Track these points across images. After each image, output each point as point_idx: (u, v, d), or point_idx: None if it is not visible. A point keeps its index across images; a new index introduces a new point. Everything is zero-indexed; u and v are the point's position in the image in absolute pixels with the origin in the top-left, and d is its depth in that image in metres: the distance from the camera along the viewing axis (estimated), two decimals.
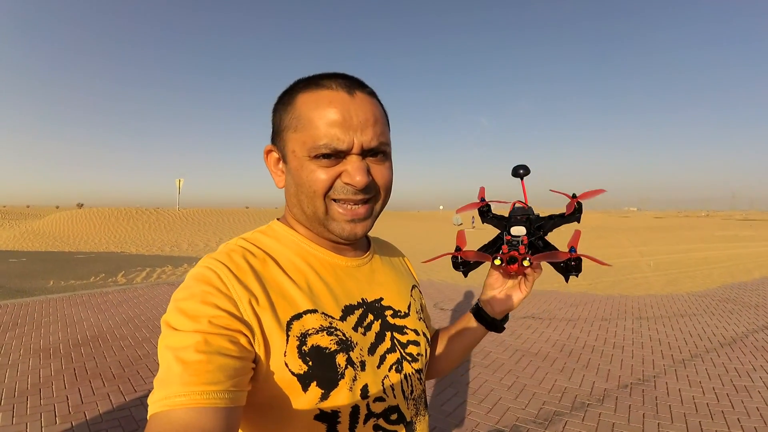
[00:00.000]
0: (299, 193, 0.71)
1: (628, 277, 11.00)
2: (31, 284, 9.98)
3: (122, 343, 5.18)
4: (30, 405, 3.59)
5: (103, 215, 36.18)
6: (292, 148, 0.71)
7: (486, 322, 0.92)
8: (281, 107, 0.74)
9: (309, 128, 0.68)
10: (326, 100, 0.68)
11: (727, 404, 3.72)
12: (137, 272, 12.11)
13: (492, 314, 0.90)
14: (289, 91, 0.74)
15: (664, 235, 30.85)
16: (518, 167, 0.83)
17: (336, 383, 0.65)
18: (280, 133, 0.74)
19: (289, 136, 0.71)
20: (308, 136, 0.68)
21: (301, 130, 0.69)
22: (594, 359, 4.85)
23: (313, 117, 0.68)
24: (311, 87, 0.71)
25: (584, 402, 3.76)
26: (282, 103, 0.74)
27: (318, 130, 0.67)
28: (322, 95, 0.69)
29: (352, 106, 0.68)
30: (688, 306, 7.63)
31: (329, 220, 0.72)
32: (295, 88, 0.73)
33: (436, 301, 7.82)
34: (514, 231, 0.80)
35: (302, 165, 0.69)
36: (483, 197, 0.89)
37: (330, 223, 0.72)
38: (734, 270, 12.47)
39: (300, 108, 0.70)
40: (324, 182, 0.68)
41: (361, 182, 0.67)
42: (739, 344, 5.42)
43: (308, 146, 0.68)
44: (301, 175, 0.70)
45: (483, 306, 0.91)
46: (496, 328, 0.92)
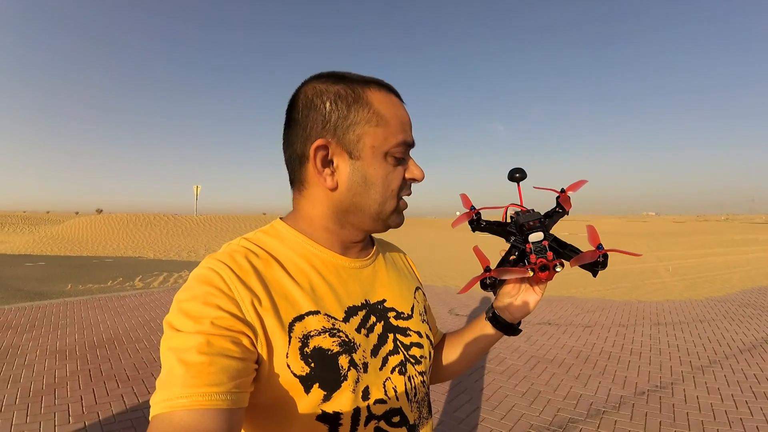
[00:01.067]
0: (370, 190, 0.72)
1: (646, 283, 10.85)
2: (49, 288, 10.13)
3: (137, 346, 5.23)
4: (44, 405, 3.64)
5: (122, 221, 36.67)
6: (371, 143, 0.71)
7: (504, 327, 0.89)
8: (345, 99, 0.71)
9: (387, 125, 0.72)
10: (397, 102, 0.75)
11: (745, 411, 3.64)
12: (154, 277, 12.25)
13: (509, 319, 0.88)
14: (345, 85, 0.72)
15: (682, 239, 30.43)
16: (514, 170, 0.83)
17: (339, 385, 0.65)
18: (348, 127, 0.70)
19: (365, 130, 0.71)
20: (387, 132, 0.72)
21: (381, 126, 0.71)
22: (610, 366, 4.78)
23: (392, 116, 0.73)
24: (377, 88, 0.74)
25: (600, 409, 3.70)
26: (343, 96, 0.71)
27: (394, 127, 0.72)
28: (392, 98, 0.75)
29: (407, 111, 0.77)
30: (706, 311, 7.50)
31: (395, 214, 0.77)
32: (353, 85, 0.72)
33: (451, 307, 7.78)
34: (532, 238, 0.78)
35: (379, 162, 0.72)
36: (472, 206, 0.87)
37: (393, 216, 0.77)
38: (754, 274, 12.25)
39: (377, 106, 0.72)
40: (399, 182, 0.74)
41: (423, 175, 0.77)
42: (758, 350, 5.30)
43: (391, 142, 0.72)
44: (378, 173, 0.72)
45: (500, 312, 0.89)
46: (514, 331, 0.90)
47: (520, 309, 0.86)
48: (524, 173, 0.83)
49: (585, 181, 0.84)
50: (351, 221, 0.75)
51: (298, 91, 0.75)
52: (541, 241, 0.77)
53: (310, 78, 0.75)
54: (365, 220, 0.75)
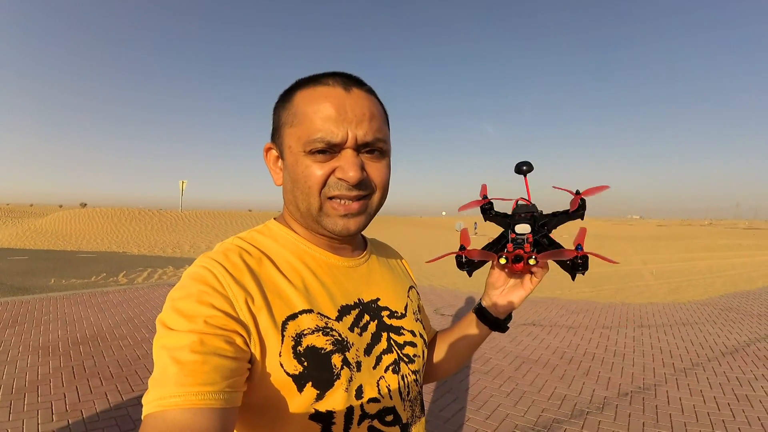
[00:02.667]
0: (295, 189, 0.71)
1: (630, 285, 10.97)
2: (32, 282, 9.99)
3: (121, 343, 5.17)
4: (27, 402, 3.59)
5: (106, 215, 36.24)
6: (288, 143, 0.71)
7: (489, 321, 0.90)
8: (280, 105, 0.75)
9: (304, 123, 0.68)
10: (322, 95, 0.69)
11: (728, 413, 3.70)
12: (138, 272, 12.12)
13: (495, 314, 0.89)
14: (289, 90, 0.75)
15: (666, 243, 30.80)
16: (521, 164, 0.82)
17: (331, 384, 0.65)
18: (278, 130, 0.75)
19: (286, 131, 0.72)
20: (303, 131, 0.68)
21: (296, 125, 0.70)
22: (594, 367, 4.82)
23: (308, 112, 0.68)
24: (309, 84, 0.72)
25: (583, 410, 3.73)
26: (281, 102, 0.75)
27: (312, 124, 0.67)
28: (318, 91, 0.69)
29: (348, 101, 0.68)
30: (690, 314, 7.60)
31: (322, 216, 0.71)
32: (294, 87, 0.74)
33: (437, 306, 7.80)
34: (518, 229, 0.79)
35: (298, 160, 0.70)
36: (485, 195, 0.88)
37: (323, 219, 0.71)
38: (737, 279, 12.43)
39: (297, 104, 0.71)
40: (319, 177, 0.68)
41: (354, 177, 0.67)
42: (741, 353, 5.39)
43: (303, 140, 0.68)
44: (297, 171, 0.70)
45: (486, 305, 0.90)
46: (500, 327, 0.91)
47: (504, 303, 0.86)
48: (531, 166, 0.82)
49: (606, 187, 0.81)
50: (301, 221, 0.77)
51: None
52: (526, 234, 0.78)
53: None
54: (307, 221, 0.75)
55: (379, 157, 0.72)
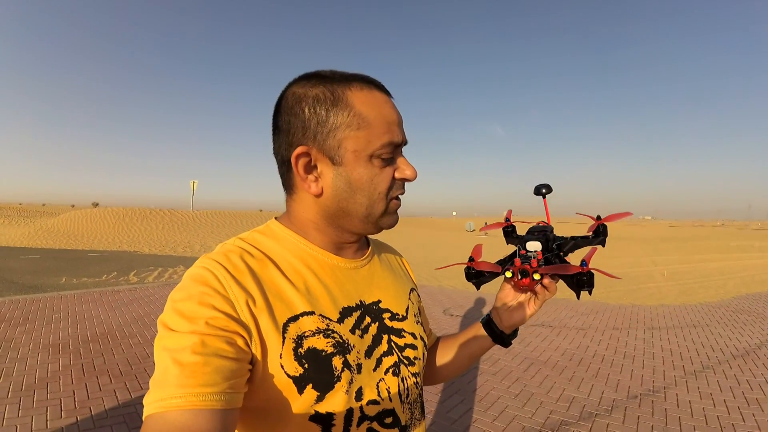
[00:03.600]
0: (357, 196, 0.70)
1: (641, 287, 10.89)
2: (43, 281, 10.10)
3: (131, 341, 5.21)
4: (36, 399, 3.63)
5: (118, 215, 36.55)
6: (353, 147, 0.68)
7: (494, 334, 0.92)
8: (324, 104, 0.69)
9: (369, 126, 0.68)
10: (381, 100, 0.71)
11: (737, 417, 3.65)
12: (149, 272, 12.22)
13: (501, 327, 0.91)
14: (324, 87, 0.70)
15: (678, 244, 30.55)
16: (540, 186, 0.85)
17: (332, 386, 0.65)
18: (328, 133, 0.69)
19: (345, 134, 0.68)
20: (369, 133, 0.68)
21: (364, 128, 0.68)
22: (604, 369, 4.79)
23: (375, 116, 0.69)
24: (359, 87, 0.70)
25: (592, 412, 3.71)
26: (322, 100, 0.69)
27: (378, 128, 0.69)
28: (376, 95, 0.71)
29: (395, 106, 0.74)
30: (701, 317, 7.52)
31: (385, 216, 0.74)
32: (334, 85, 0.70)
33: (446, 307, 7.79)
34: (529, 246, 0.80)
35: (364, 165, 0.69)
36: (508, 218, 0.90)
37: (383, 219, 0.74)
38: (749, 281, 12.29)
39: (359, 107, 0.68)
40: (387, 184, 0.71)
41: (414, 174, 0.73)
42: (752, 356, 5.32)
43: (375, 145, 0.69)
44: (362, 177, 0.69)
45: (493, 319, 0.92)
46: (503, 342, 0.93)
47: (511, 317, 0.88)
48: (550, 188, 0.85)
49: (629, 214, 0.84)
50: (341, 225, 0.75)
51: (280, 97, 0.73)
52: (536, 251, 0.79)
53: (293, 81, 0.73)
54: (355, 223, 0.74)
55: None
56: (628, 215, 0.82)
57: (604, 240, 0.81)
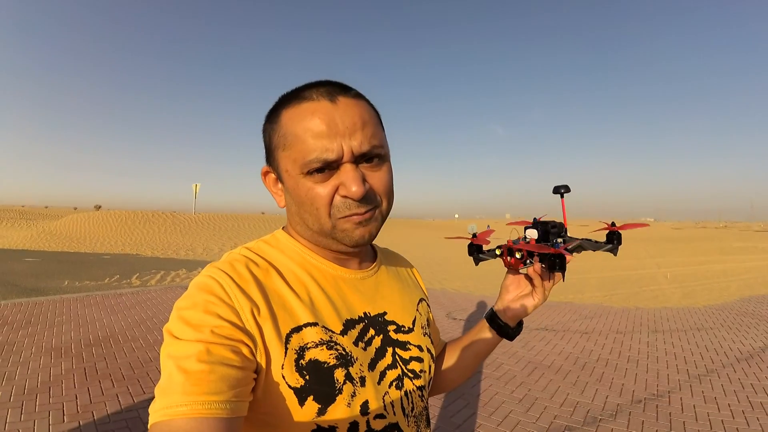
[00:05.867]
0: (301, 212, 0.70)
1: (644, 289, 10.86)
2: (45, 284, 10.11)
3: (133, 345, 5.22)
4: (39, 403, 3.63)
5: (120, 218, 36.64)
6: (284, 167, 0.69)
7: (499, 327, 0.91)
8: (269, 126, 0.72)
9: (296, 144, 0.66)
10: (309, 111, 0.66)
11: (742, 421, 3.63)
12: (151, 275, 12.23)
13: (505, 319, 0.91)
14: (274, 108, 0.72)
15: (681, 246, 30.49)
16: (559, 186, 0.87)
17: (333, 398, 0.64)
18: (272, 153, 0.72)
19: (279, 155, 0.70)
20: (297, 152, 0.66)
21: (289, 148, 0.67)
22: (607, 373, 4.77)
23: (298, 131, 0.66)
24: (294, 101, 0.69)
25: (596, 417, 3.69)
26: (269, 122, 0.72)
27: (305, 144, 0.65)
28: (304, 108, 0.67)
29: (336, 113, 0.66)
30: (704, 319, 7.50)
31: (337, 232, 0.69)
32: (279, 105, 0.71)
33: (449, 310, 7.78)
34: (527, 233, 0.85)
35: (298, 183, 0.68)
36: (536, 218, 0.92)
37: (338, 235, 0.70)
38: (753, 283, 12.25)
39: (285, 125, 0.68)
40: (324, 198, 0.67)
41: (357, 193, 0.65)
42: (756, 359, 5.30)
43: (299, 163, 0.66)
44: (300, 194, 0.68)
45: (497, 310, 0.92)
46: (508, 335, 0.92)
47: (516, 308, 0.88)
48: (568, 188, 0.87)
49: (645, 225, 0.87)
50: (311, 239, 0.75)
51: None
52: (530, 238, 0.84)
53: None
54: (317, 238, 0.73)
55: (378, 164, 0.70)
56: (645, 226, 0.83)
57: (616, 248, 0.81)
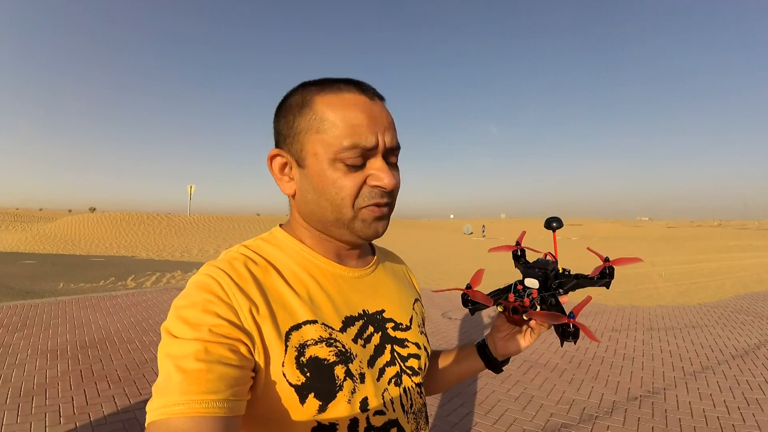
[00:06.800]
0: (321, 200, 0.70)
1: (639, 288, 10.89)
2: (41, 286, 10.06)
3: (129, 347, 5.20)
4: (35, 405, 3.61)
5: (115, 220, 36.52)
6: (313, 150, 0.69)
7: (487, 359, 0.93)
8: (293, 110, 0.72)
9: (332, 129, 0.67)
10: (350, 102, 0.68)
11: (737, 417, 3.66)
12: (147, 276, 12.20)
13: (495, 354, 0.92)
14: (300, 94, 0.72)
15: (676, 245, 30.60)
16: (551, 219, 0.85)
17: (334, 395, 0.64)
18: (294, 136, 0.71)
19: (309, 138, 0.69)
20: (333, 137, 0.67)
21: (324, 132, 0.68)
22: (603, 371, 4.79)
23: (336, 118, 0.67)
24: (330, 90, 0.70)
25: (592, 414, 3.70)
26: (293, 106, 0.72)
27: (343, 130, 0.66)
28: (345, 98, 0.69)
29: (375, 109, 0.69)
30: (699, 317, 7.53)
31: (356, 222, 0.70)
32: (308, 91, 0.72)
33: (445, 310, 7.77)
34: (527, 282, 0.80)
35: (325, 169, 0.68)
36: (519, 242, 0.90)
37: (356, 225, 0.71)
38: (747, 280, 12.31)
39: (321, 110, 0.69)
40: (351, 189, 0.68)
41: (390, 183, 0.68)
42: (751, 356, 5.33)
43: (335, 148, 0.67)
44: (325, 181, 0.68)
45: (489, 344, 0.93)
46: (495, 368, 0.93)
47: (505, 346, 0.89)
48: (561, 223, 0.85)
49: (638, 260, 0.84)
50: (323, 230, 0.75)
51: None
52: (532, 289, 0.79)
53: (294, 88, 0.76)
54: (330, 229, 0.73)
55: (395, 166, 0.74)
56: (639, 261, 0.83)
57: (609, 283, 0.80)
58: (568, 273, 0.82)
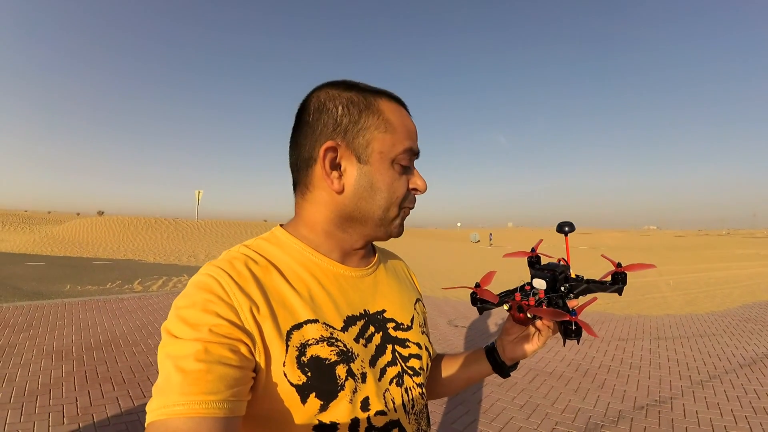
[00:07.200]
0: (375, 196, 0.73)
1: (647, 297, 10.83)
2: (48, 288, 10.12)
3: (134, 349, 5.21)
4: (39, 405, 3.63)
5: (123, 223, 36.72)
6: (380, 148, 0.72)
7: (495, 363, 0.92)
8: (357, 105, 0.72)
9: (397, 132, 0.73)
10: (405, 113, 0.77)
11: (745, 427, 3.61)
12: (153, 280, 12.24)
13: (503, 358, 0.91)
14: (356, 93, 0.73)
15: (683, 254, 30.41)
16: (563, 224, 0.84)
17: (335, 395, 0.64)
18: (359, 131, 0.71)
19: (374, 135, 0.72)
20: (395, 138, 0.73)
21: (392, 133, 0.73)
22: (609, 380, 4.75)
23: (399, 124, 0.74)
24: (386, 97, 0.76)
25: (598, 423, 3.67)
26: (355, 102, 0.72)
27: (402, 134, 0.74)
28: (400, 108, 0.77)
29: (413, 122, 0.79)
30: (707, 326, 7.47)
31: (394, 221, 0.76)
32: (366, 93, 0.74)
33: (451, 318, 7.75)
34: (534, 283, 0.80)
35: (386, 168, 0.73)
36: (535, 249, 0.89)
37: (391, 225, 0.77)
38: (755, 289, 12.21)
39: (387, 112, 0.74)
40: (403, 190, 0.75)
41: (425, 186, 0.78)
42: (759, 365, 5.27)
43: (398, 149, 0.73)
44: (383, 179, 0.73)
45: (498, 348, 0.92)
46: (502, 372, 0.93)
47: (513, 350, 0.88)
48: (573, 227, 0.84)
49: (652, 266, 0.83)
50: (354, 226, 0.75)
51: (310, 95, 0.76)
52: (539, 290, 0.79)
53: (323, 84, 0.76)
54: (368, 225, 0.75)
55: None
56: (652, 267, 0.81)
57: (622, 289, 0.78)
58: (580, 278, 0.81)
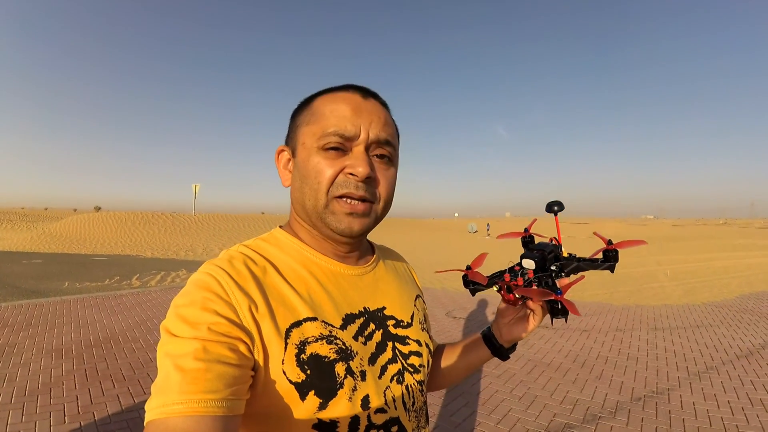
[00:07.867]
0: (303, 186, 0.73)
1: (645, 287, 10.85)
2: (46, 285, 10.11)
3: (134, 346, 5.22)
4: (40, 404, 3.63)
5: (120, 219, 36.64)
6: (302, 140, 0.74)
7: (493, 347, 0.93)
8: (299, 110, 0.78)
9: (321, 120, 0.72)
10: (341, 98, 0.73)
11: (741, 418, 3.64)
12: (152, 276, 12.23)
13: (500, 341, 0.91)
14: (309, 97, 0.78)
15: (681, 244, 30.45)
16: (552, 203, 0.84)
17: (335, 393, 0.64)
18: (294, 131, 0.77)
19: (302, 130, 0.75)
20: (318, 127, 0.71)
21: (313, 123, 0.73)
22: (607, 370, 4.77)
23: (325, 111, 0.72)
24: (330, 92, 0.76)
25: (596, 414, 3.69)
26: (300, 108, 0.78)
27: (328, 120, 0.71)
28: (338, 96, 0.74)
29: (365, 105, 0.73)
30: (704, 317, 7.50)
31: (327, 213, 0.72)
32: (314, 95, 0.78)
33: (449, 309, 7.77)
34: (524, 263, 0.80)
35: (309, 156, 0.72)
36: (528, 229, 0.89)
37: (327, 216, 0.72)
38: (753, 280, 12.24)
39: (316, 106, 0.74)
40: (329, 174, 0.70)
41: (363, 172, 0.69)
42: (756, 356, 5.30)
43: (318, 135, 0.71)
44: (308, 167, 0.72)
45: (493, 331, 0.93)
46: (501, 355, 0.93)
47: (509, 331, 0.88)
48: (562, 206, 0.84)
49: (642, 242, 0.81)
50: (312, 225, 0.76)
51: None
52: (528, 269, 0.79)
53: None
54: (312, 220, 0.75)
55: (388, 164, 0.75)
56: (643, 243, 0.81)
57: (614, 266, 0.78)
58: (572, 257, 0.80)
